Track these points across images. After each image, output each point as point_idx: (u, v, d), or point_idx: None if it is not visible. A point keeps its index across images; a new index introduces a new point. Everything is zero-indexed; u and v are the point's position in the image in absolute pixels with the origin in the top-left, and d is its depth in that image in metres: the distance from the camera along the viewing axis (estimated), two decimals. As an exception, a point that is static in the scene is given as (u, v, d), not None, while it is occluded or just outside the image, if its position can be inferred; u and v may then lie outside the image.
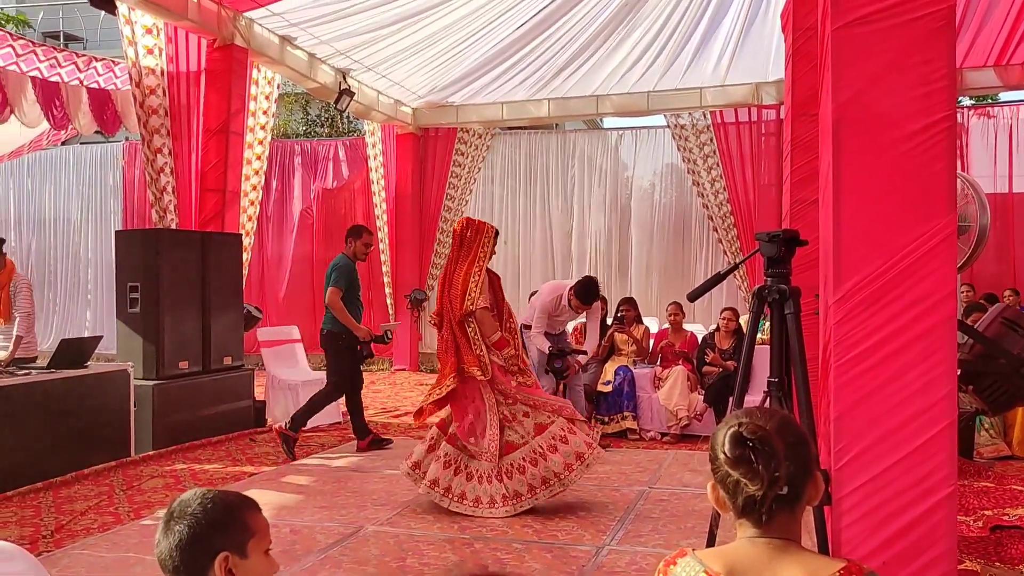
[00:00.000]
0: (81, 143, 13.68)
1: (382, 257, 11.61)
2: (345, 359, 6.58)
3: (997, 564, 3.58)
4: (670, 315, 7.79)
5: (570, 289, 6.67)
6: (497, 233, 5.19)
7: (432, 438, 5.06)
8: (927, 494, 2.29)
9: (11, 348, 6.40)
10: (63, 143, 11.64)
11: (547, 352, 6.60)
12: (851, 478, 2.36)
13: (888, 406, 2.33)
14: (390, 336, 7.27)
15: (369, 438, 6.69)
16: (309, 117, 17.49)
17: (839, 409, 2.38)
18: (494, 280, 5.15)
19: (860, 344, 2.36)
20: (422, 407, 5.04)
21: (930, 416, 2.29)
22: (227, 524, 1.62)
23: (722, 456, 1.45)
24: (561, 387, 6.67)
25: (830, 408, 2.43)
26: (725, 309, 7.65)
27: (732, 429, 1.46)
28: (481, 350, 4.89)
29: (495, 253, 5.20)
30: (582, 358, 6.92)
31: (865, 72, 2.39)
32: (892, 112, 2.37)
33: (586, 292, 6.61)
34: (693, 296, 2.98)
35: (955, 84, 2.35)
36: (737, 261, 3.39)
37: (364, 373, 7.01)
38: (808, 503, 1.48)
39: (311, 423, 7.67)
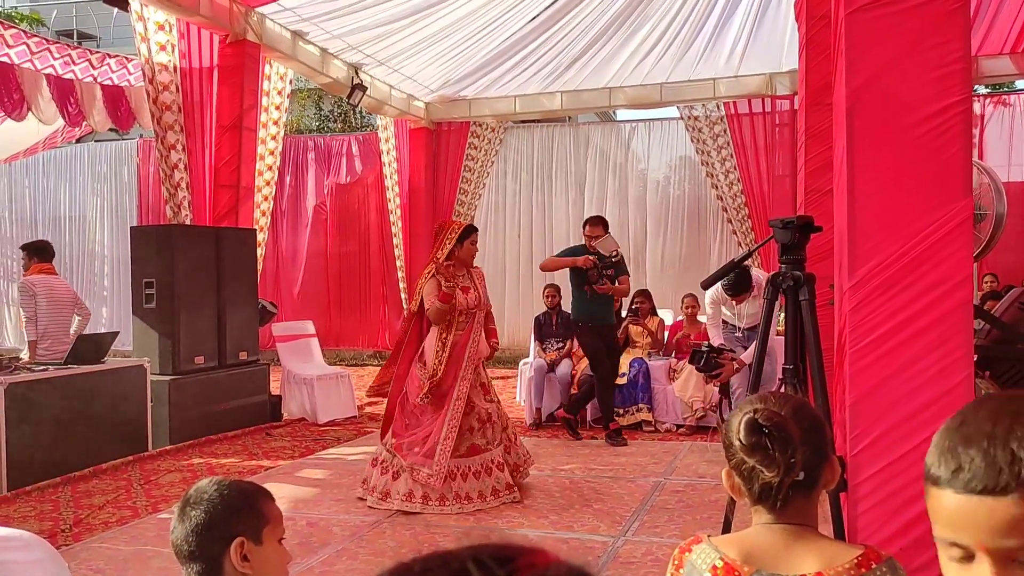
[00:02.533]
0: (96, 140, 13.77)
1: (396, 252, 11.63)
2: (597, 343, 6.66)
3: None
4: (687, 307, 7.75)
5: None
6: (468, 228, 5.09)
7: None
8: (944, 480, 2.27)
9: (28, 351, 6.45)
10: (78, 140, 11.72)
11: (702, 347, 6.35)
12: (867, 464, 2.34)
13: (904, 392, 2.31)
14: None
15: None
16: (322, 112, 17.51)
17: (855, 395, 2.36)
18: (456, 275, 4.99)
19: (876, 330, 2.34)
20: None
21: (947, 402, 2.27)
22: (243, 510, 1.63)
23: (737, 443, 1.43)
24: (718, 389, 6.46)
25: (846, 394, 2.41)
26: None
27: (747, 416, 1.43)
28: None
29: (477, 249, 5.14)
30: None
31: (879, 56, 2.37)
32: (906, 96, 2.34)
33: (730, 280, 5.95)
34: (707, 284, 2.97)
35: (970, 67, 2.32)
36: (751, 248, 3.36)
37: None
38: (824, 487, 1.46)
39: (328, 416, 7.73)
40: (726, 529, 2.88)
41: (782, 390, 2.76)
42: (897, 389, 2.32)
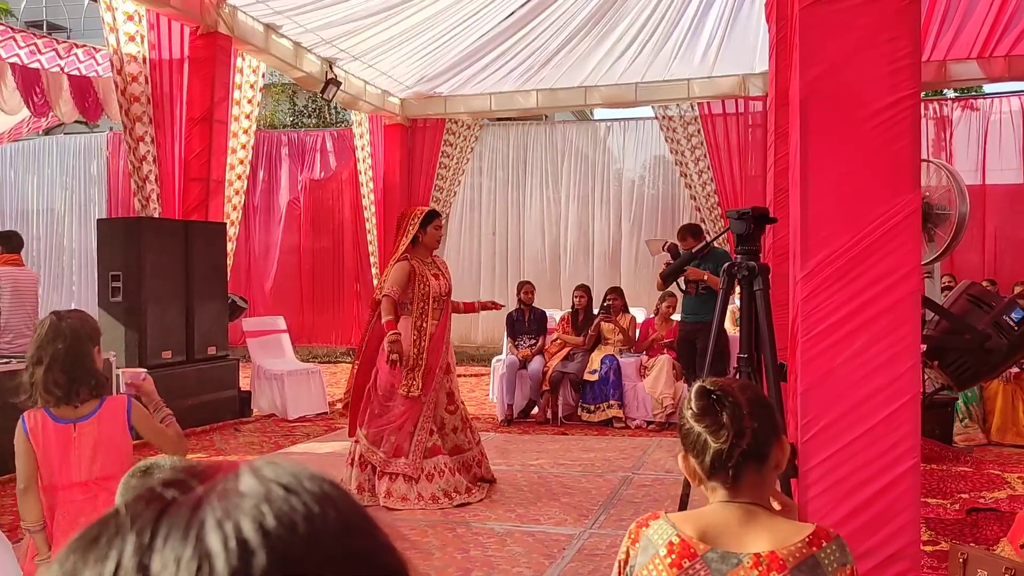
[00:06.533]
0: (65, 133, 13.62)
1: (370, 248, 11.60)
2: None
3: (971, 544, 3.62)
4: (668, 306, 7.73)
5: None
6: (431, 213, 4.98)
7: None
8: (891, 466, 2.32)
9: None
10: (46, 133, 11.59)
11: None
12: (817, 450, 2.39)
13: (853, 379, 2.35)
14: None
15: None
16: (296, 108, 17.42)
17: (806, 383, 2.41)
18: (417, 269, 4.89)
19: (827, 319, 2.38)
20: None
21: (894, 389, 2.31)
22: None
23: (688, 412, 1.49)
24: None
25: (797, 382, 2.45)
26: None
27: (697, 385, 1.52)
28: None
29: (442, 235, 5.02)
30: None
31: (832, 50, 2.41)
32: (859, 90, 2.38)
33: None
34: (666, 275, 3.00)
35: (919, 62, 2.37)
36: (709, 239, 3.40)
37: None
38: (776, 468, 1.49)
39: (298, 412, 7.69)
40: (682, 507, 2.91)
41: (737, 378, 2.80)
42: (847, 377, 2.36)
